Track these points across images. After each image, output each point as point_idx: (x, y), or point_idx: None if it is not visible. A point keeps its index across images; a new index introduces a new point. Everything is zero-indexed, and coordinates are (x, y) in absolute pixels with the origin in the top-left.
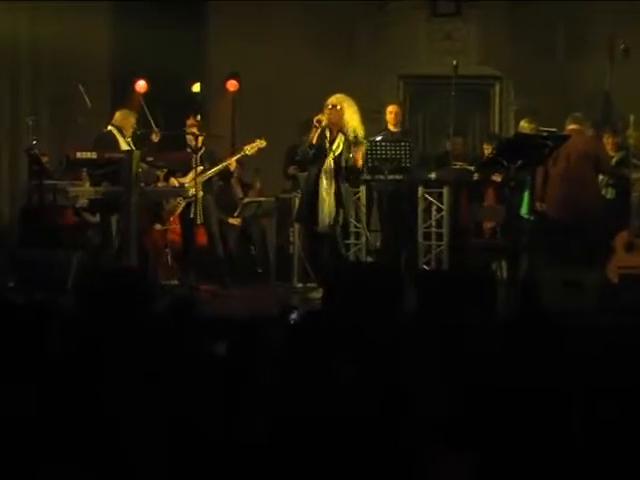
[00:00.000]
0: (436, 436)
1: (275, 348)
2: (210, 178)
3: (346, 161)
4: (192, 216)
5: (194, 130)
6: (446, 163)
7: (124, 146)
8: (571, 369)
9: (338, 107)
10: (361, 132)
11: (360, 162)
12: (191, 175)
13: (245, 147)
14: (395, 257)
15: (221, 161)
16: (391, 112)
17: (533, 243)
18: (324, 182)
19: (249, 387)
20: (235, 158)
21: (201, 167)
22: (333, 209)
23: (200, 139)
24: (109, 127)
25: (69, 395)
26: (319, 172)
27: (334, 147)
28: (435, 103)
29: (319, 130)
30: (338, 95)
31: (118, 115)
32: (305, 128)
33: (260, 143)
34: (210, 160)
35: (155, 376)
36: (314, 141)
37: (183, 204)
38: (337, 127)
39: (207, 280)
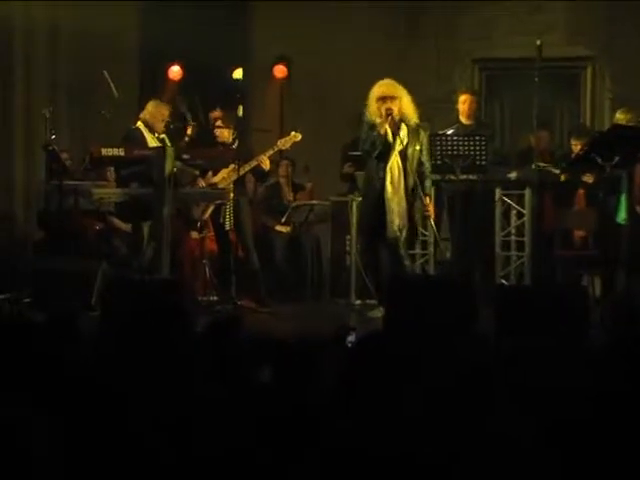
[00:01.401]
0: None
1: (329, 376)
2: (243, 178)
3: (418, 156)
4: (221, 221)
5: (219, 123)
6: (528, 161)
7: (151, 143)
8: None
9: (397, 95)
10: (416, 119)
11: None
12: (221, 175)
13: (278, 141)
14: (468, 270)
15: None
16: (464, 102)
17: (632, 254)
18: (390, 181)
19: (298, 420)
20: (267, 155)
21: (232, 165)
22: (404, 213)
23: (229, 132)
24: (138, 123)
25: (95, 428)
26: (384, 170)
27: (400, 140)
28: (516, 91)
29: (390, 119)
30: (387, 82)
31: (149, 107)
32: (357, 121)
33: (295, 136)
34: (247, 157)
35: (192, 406)
36: (382, 131)
37: (211, 208)
38: (396, 116)
39: (250, 295)
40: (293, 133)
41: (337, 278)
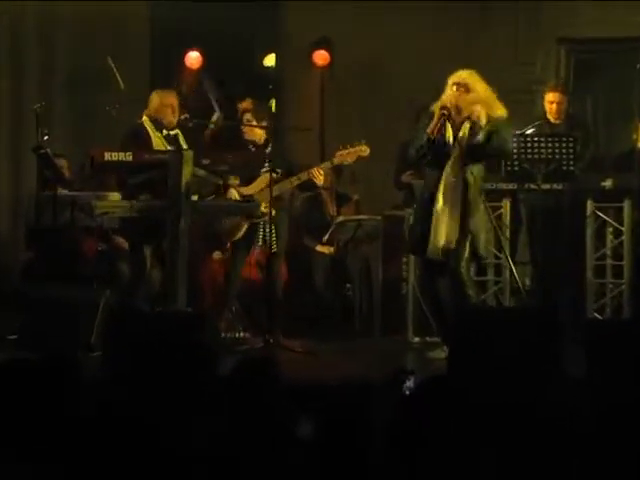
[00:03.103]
0: None
1: (383, 428)
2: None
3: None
4: (260, 243)
5: (248, 117)
6: (629, 166)
7: (157, 144)
8: None
9: (465, 86)
10: (501, 113)
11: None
12: (258, 184)
13: (337, 154)
14: (553, 301)
15: (296, 167)
16: (552, 102)
17: None
18: (443, 192)
19: None
20: (322, 168)
21: (271, 173)
22: (455, 229)
23: (261, 131)
24: (144, 118)
25: None
26: (436, 179)
27: (459, 140)
28: (612, 78)
29: (441, 119)
30: (462, 71)
31: (152, 100)
32: (420, 118)
33: (361, 149)
34: (281, 162)
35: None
36: (434, 132)
37: (246, 225)
38: (463, 113)
39: (288, 332)
40: (358, 144)
41: (391, 310)
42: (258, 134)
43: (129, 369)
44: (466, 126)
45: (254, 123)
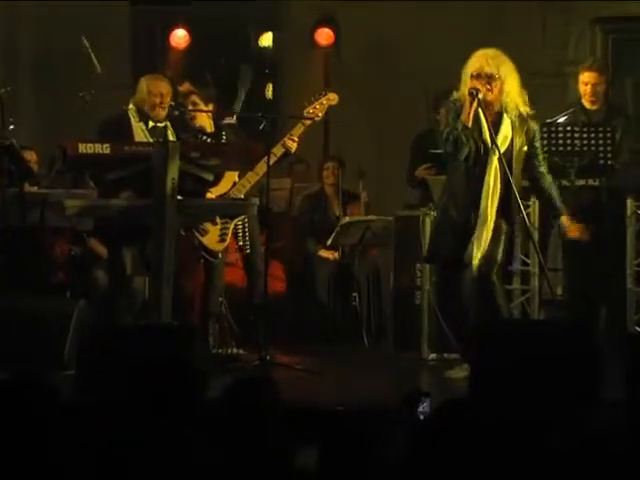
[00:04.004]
0: None
1: (394, 457)
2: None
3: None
4: (240, 243)
5: (195, 100)
6: None
7: (139, 136)
8: None
9: (499, 74)
10: (525, 107)
11: None
12: (226, 182)
13: (304, 113)
14: (589, 312)
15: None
16: (587, 82)
17: None
18: (485, 196)
19: None
20: (291, 136)
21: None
22: (490, 241)
23: (206, 118)
24: (130, 106)
25: None
26: (479, 179)
27: (501, 136)
28: None
29: (475, 104)
30: (489, 51)
31: (141, 86)
32: (439, 106)
33: (329, 98)
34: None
35: None
36: (469, 122)
37: (232, 227)
38: (495, 104)
39: (284, 347)
40: (325, 95)
41: (403, 322)
42: (207, 121)
43: (107, 390)
44: (507, 121)
45: (202, 107)
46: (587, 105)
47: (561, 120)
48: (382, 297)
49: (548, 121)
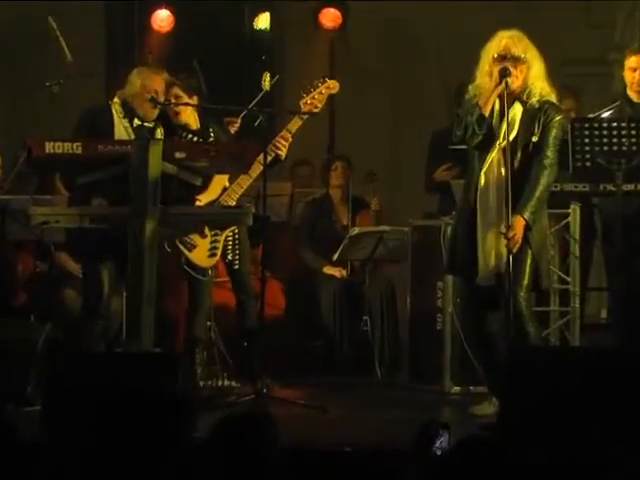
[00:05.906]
0: None
1: None
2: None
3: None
4: (229, 257)
5: (177, 92)
6: None
7: (121, 134)
8: None
9: (524, 57)
10: (551, 95)
11: None
12: (215, 188)
13: (301, 105)
14: (637, 338)
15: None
16: (635, 68)
17: None
18: (483, 193)
19: None
20: (285, 133)
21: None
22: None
23: (190, 113)
24: (115, 99)
25: None
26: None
27: (509, 124)
28: None
29: (502, 87)
30: (512, 34)
31: (132, 79)
32: (460, 98)
33: (328, 86)
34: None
35: None
36: (487, 111)
37: (222, 240)
38: (516, 91)
39: (283, 379)
40: (323, 83)
41: (422, 351)
42: (192, 116)
43: (77, 428)
44: (517, 107)
45: (186, 100)
46: (634, 97)
47: (605, 115)
48: (397, 320)
49: (591, 116)
